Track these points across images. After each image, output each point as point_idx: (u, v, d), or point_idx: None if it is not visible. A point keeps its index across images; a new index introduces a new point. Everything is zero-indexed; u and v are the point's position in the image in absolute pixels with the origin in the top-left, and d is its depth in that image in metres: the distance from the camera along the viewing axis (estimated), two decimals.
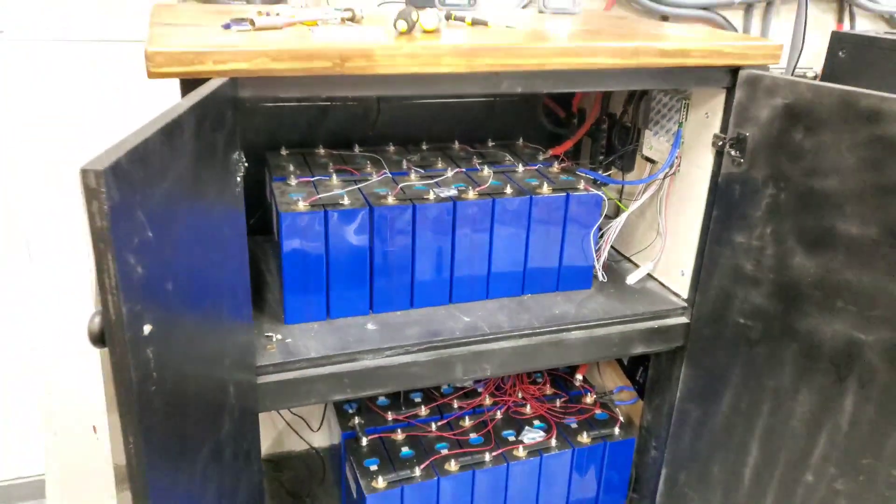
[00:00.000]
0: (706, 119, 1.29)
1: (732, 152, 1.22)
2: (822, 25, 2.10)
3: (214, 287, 0.90)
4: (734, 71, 1.19)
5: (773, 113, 1.15)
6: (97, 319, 0.64)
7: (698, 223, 1.32)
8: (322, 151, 1.49)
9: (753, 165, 1.19)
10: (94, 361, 1.62)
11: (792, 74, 2.04)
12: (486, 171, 1.42)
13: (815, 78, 2.08)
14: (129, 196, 0.61)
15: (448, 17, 1.26)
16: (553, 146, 1.60)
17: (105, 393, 1.63)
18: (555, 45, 1.07)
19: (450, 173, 1.39)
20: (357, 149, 1.52)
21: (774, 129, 1.15)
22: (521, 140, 1.66)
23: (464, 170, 1.43)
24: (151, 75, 0.87)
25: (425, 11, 1.10)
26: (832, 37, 1.95)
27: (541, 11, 1.55)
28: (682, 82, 1.21)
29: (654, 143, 1.44)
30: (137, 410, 0.64)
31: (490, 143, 1.62)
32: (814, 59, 2.10)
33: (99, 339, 0.64)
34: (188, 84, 0.90)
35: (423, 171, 1.39)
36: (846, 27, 2.11)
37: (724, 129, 1.24)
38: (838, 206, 1.08)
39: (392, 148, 1.55)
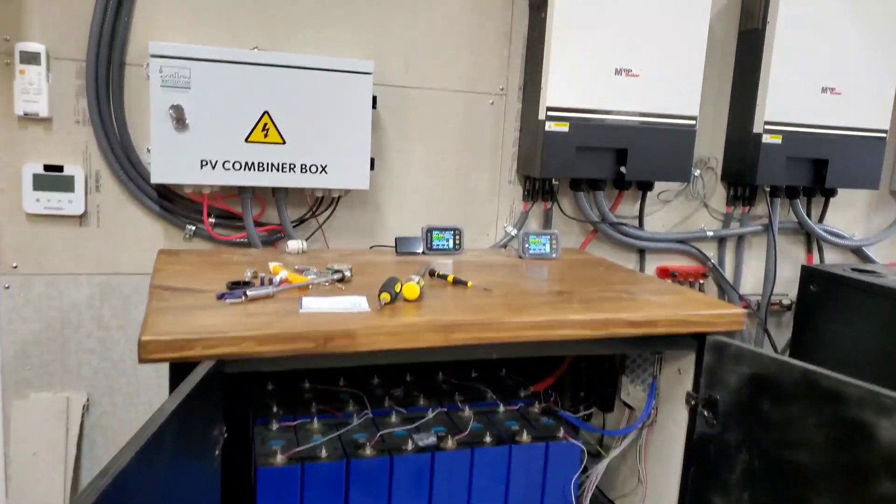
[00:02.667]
0: (679, 375, 1.33)
1: (705, 413, 1.25)
2: (792, 255, 2.22)
3: None
4: (701, 337, 1.26)
5: (741, 380, 1.19)
6: None
7: (677, 478, 1.32)
8: (307, 386, 1.52)
9: (727, 429, 1.22)
10: None
11: (768, 303, 2.13)
12: (467, 411, 1.44)
13: (789, 306, 2.17)
14: None
15: (432, 274, 1.36)
16: (535, 376, 1.63)
17: None
18: (526, 320, 1.14)
19: (431, 414, 1.41)
20: (342, 381, 1.55)
21: (743, 395, 1.19)
22: (503, 370, 1.70)
23: (445, 408, 1.45)
24: (143, 360, 0.93)
25: (409, 280, 1.18)
26: (803, 271, 2.06)
27: (520, 256, 1.66)
28: (650, 347, 1.27)
29: (631, 390, 1.48)
30: None
31: (473, 374, 1.66)
32: (787, 286, 2.19)
33: None
34: (177, 367, 0.95)
35: (404, 412, 1.41)
36: (816, 259, 2.22)
37: (696, 387, 1.28)
38: (811, 482, 1.09)
39: (376, 380, 1.58)
